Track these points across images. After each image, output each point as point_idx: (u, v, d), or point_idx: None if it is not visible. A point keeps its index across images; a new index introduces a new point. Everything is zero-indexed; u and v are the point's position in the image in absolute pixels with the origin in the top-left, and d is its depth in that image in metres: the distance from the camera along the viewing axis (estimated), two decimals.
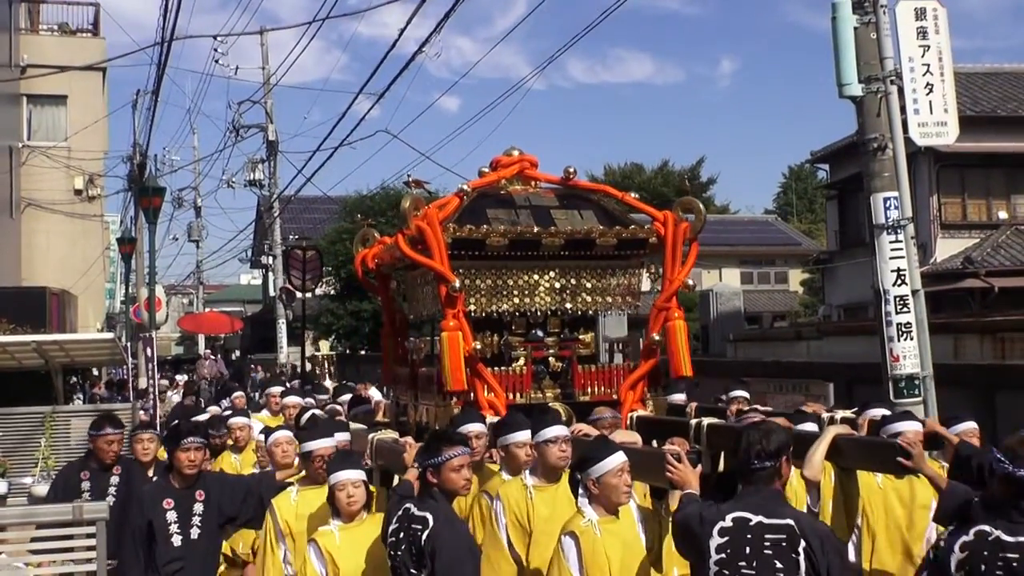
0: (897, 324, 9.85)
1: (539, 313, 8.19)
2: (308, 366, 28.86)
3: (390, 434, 7.58)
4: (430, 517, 5.56)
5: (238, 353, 50.50)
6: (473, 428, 6.87)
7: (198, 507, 7.21)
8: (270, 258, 36.57)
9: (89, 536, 3.93)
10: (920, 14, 10.84)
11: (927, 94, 10.59)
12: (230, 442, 10.23)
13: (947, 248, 27.18)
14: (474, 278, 7.95)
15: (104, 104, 34.16)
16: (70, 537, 3.91)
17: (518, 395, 7.91)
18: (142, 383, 25.53)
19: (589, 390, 8.15)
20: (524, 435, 6.50)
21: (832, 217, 34.41)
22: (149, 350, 26.07)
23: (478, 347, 7.67)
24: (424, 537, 5.51)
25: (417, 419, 8.42)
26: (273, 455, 8.16)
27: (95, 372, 28.23)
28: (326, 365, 21.45)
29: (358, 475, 6.19)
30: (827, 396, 13.39)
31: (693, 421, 7.55)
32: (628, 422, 8.00)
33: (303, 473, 7.23)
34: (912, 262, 10.08)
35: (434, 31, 15.86)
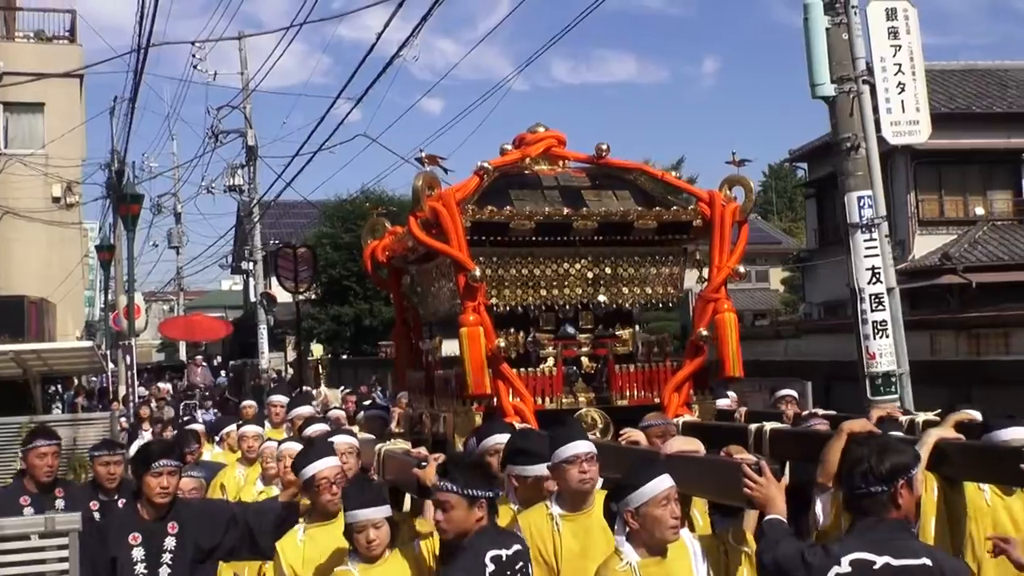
0: (872, 322, 9.92)
1: (569, 307, 7.24)
2: (289, 371, 28.89)
3: (401, 444, 6.63)
4: (519, 546, 4.91)
5: (219, 359, 50.35)
6: (502, 441, 5.85)
7: (169, 542, 5.96)
8: (251, 263, 36.54)
9: (61, 548, 3.93)
10: (891, 14, 10.92)
11: (899, 93, 10.68)
12: (239, 453, 9.50)
13: (925, 245, 27.33)
14: (496, 267, 7.00)
15: (82, 111, 34.00)
16: (42, 549, 3.92)
17: (547, 400, 6.96)
18: (122, 391, 25.49)
19: (628, 393, 7.18)
20: (539, 470, 5.47)
21: (811, 215, 34.62)
22: (129, 358, 26.02)
23: (502, 345, 6.71)
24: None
25: (434, 429, 7.49)
26: (279, 469, 7.24)
27: (76, 381, 28.12)
28: (319, 370, 21.29)
29: (380, 513, 5.18)
30: (805, 394, 13.44)
31: (752, 427, 6.48)
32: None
33: (305, 500, 6.16)
34: (887, 260, 10.16)
35: (412, 34, 15.89)
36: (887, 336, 9.91)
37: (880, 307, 9.94)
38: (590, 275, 7.22)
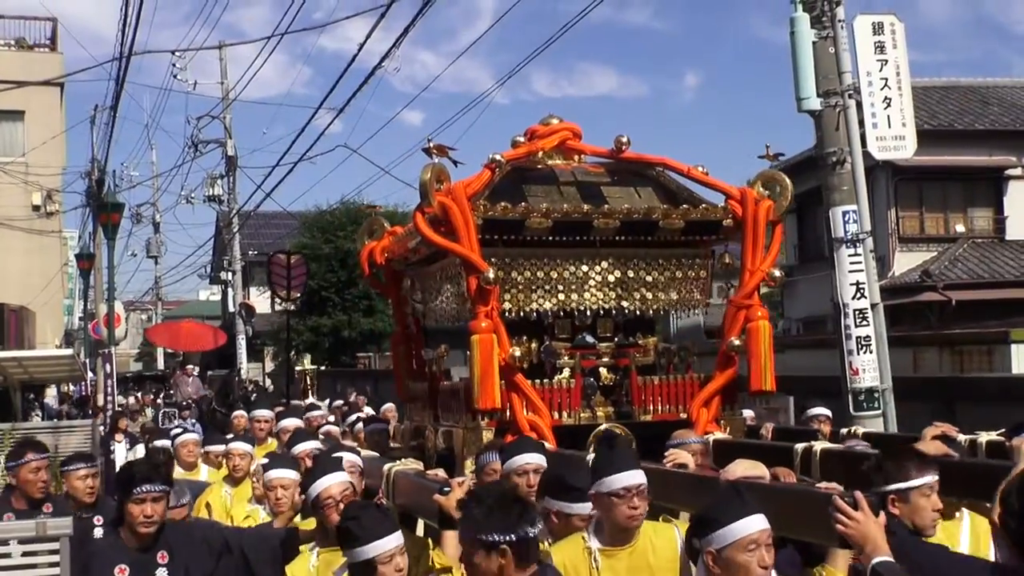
0: (856, 337, 9.95)
1: (588, 313, 6.53)
2: (267, 382, 28.77)
3: (412, 464, 5.79)
4: None
5: (197, 370, 50.16)
6: (531, 461, 5.16)
7: (161, 573, 5.14)
8: (229, 274, 36.47)
9: (52, 552, 3.91)
10: (878, 28, 10.99)
11: (885, 108, 10.73)
12: (223, 472, 8.70)
13: (905, 262, 27.39)
14: (509, 269, 6.29)
15: (62, 119, 33.93)
16: (33, 554, 3.90)
17: (564, 414, 6.28)
18: (100, 399, 25.36)
19: (651, 408, 6.51)
20: (584, 508, 4.67)
21: (791, 231, 34.67)
22: (108, 366, 25.91)
23: (517, 354, 6.09)
24: None
25: (436, 443, 6.81)
26: (267, 500, 6.39)
27: (63, 388, 27.99)
28: (307, 382, 21.16)
29: (400, 539, 4.38)
30: (787, 409, 13.44)
31: (799, 447, 5.78)
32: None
33: (304, 524, 5.53)
34: (871, 275, 10.20)
35: (393, 45, 15.88)
36: (871, 351, 9.95)
37: (864, 322, 9.97)
38: (611, 279, 6.58)
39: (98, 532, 6.38)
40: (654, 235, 6.57)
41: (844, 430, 6.85)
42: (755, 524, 3.72)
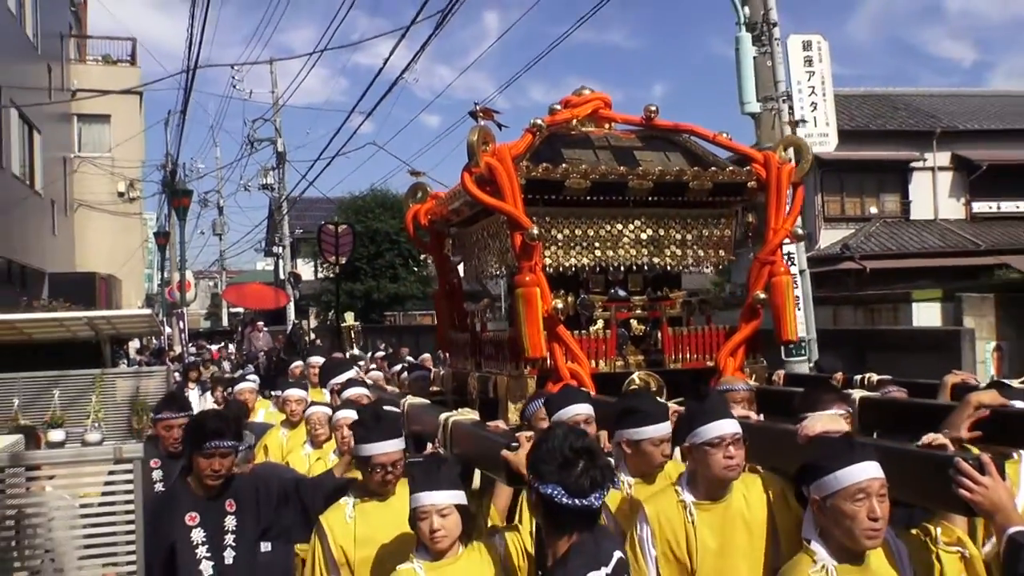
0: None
1: (621, 269, 5.90)
2: (312, 336, 28.79)
3: (468, 414, 4.92)
4: (619, 552, 3.04)
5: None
6: (581, 412, 4.37)
7: (230, 521, 4.53)
8: (280, 248, 36.45)
9: (127, 472, 3.92)
10: (807, 46, 10.98)
11: (812, 111, 10.74)
12: (281, 416, 8.05)
13: (829, 237, 27.38)
14: (548, 227, 5.64)
15: (141, 122, 33.77)
16: (114, 472, 3.92)
17: (600, 362, 5.66)
18: (177, 350, 25.35)
19: (680, 357, 5.86)
20: (661, 429, 3.96)
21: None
22: (181, 323, 25.85)
23: (559, 306, 5.43)
24: None
25: (482, 392, 6.04)
26: (335, 439, 5.78)
27: (141, 341, 27.89)
28: (351, 335, 21.01)
29: (448, 498, 3.56)
30: None
31: (855, 394, 4.81)
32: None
33: (356, 475, 4.63)
34: (800, 248, 10.19)
35: (412, 60, 15.90)
36: (799, 309, 9.94)
37: (794, 285, 9.96)
38: (643, 236, 5.89)
39: (156, 475, 5.79)
40: (684, 196, 5.90)
41: (858, 376, 5.90)
42: (865, 471, 2.95)
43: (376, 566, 4.00)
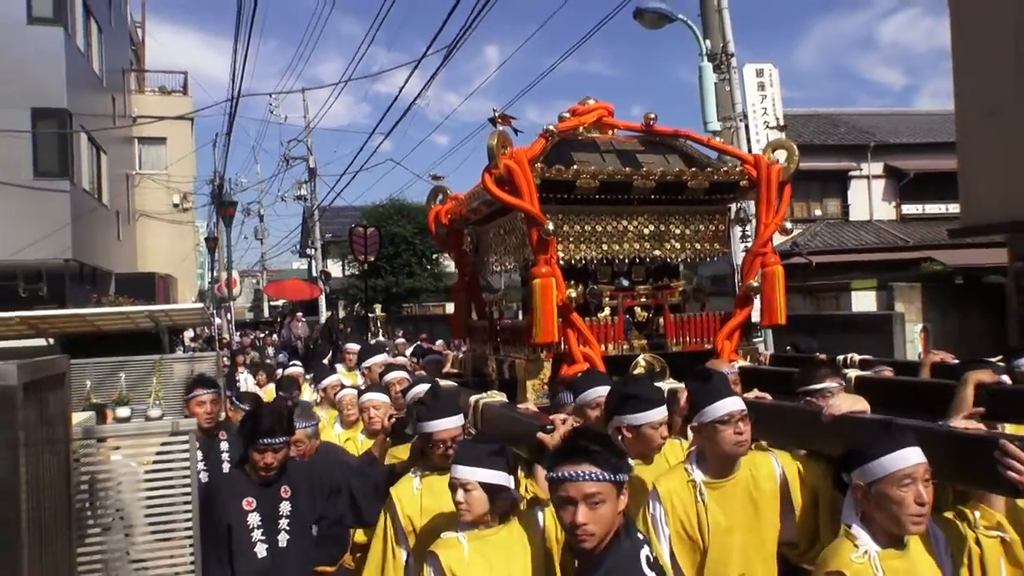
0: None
1: (625, 261, 5.67)
2: (342, 327, 28.81)
3: (497, 396, 4.76)
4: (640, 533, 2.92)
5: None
6: (604, 393, 3.97)
7: (285, 506, 4.30)
8: (313, 250, 36.44)
9: (184, 443, 3.92)
10: (760, 73, 10.98)
11: (765, 129, 10.70)
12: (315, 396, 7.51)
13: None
14: (561, 223, 5.42)
15: (192, 143, 33.75)
16: (170, 444, 3.92)
17: (609, 346, 5.45)
18: (226, 338, 25.29)
19: (681, 340, 5.64)
20: (659, 413, 3.67)
21: None
22: (229, 315, 25.75)
23: (573, 295, 5.25)
24: None
25: (500, 374, 5.84)
26: (363, 419, 5.66)
27: (195, 330, 27.85)
28: (378, 325, 20.94)
29: (471, 475, 3.23)
30: None
31: (851, 373, 4.59)
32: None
33: (402, 448, 4.57)
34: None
35: (424, 88, 15.88)
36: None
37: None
38: (646, 231, 5.67)
39: (224, 446, 5.59)
40: (682, 194, 5.69)
41: (840, 357, 5.68)
42: (910, 457, 2.67)
43: (436, 535, 3.63)
